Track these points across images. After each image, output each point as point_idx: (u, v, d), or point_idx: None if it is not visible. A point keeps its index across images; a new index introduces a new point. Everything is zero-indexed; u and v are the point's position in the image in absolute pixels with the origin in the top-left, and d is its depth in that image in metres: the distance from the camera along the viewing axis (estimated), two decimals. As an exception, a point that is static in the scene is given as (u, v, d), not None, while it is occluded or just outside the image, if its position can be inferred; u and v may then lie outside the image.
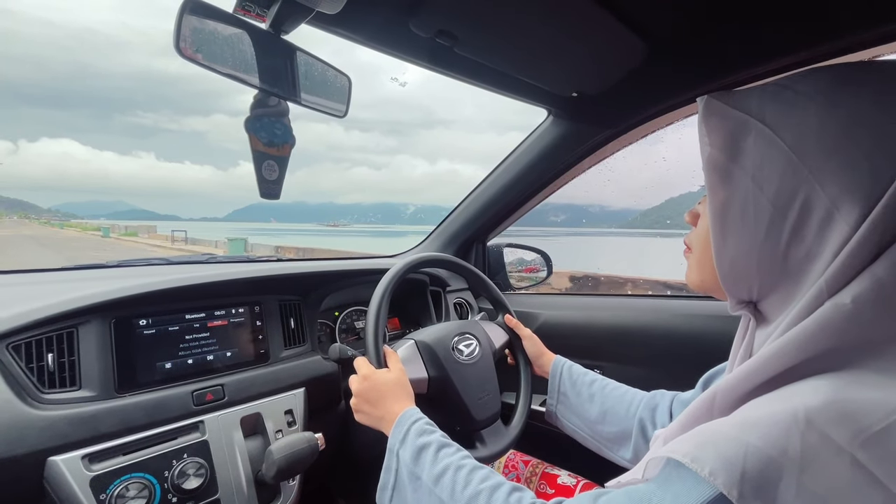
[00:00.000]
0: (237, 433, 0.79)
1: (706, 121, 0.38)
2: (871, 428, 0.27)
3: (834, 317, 0.31)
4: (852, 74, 0.34)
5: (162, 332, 0.78)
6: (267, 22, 0.57)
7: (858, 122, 0.31)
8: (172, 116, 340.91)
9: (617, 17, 0.62)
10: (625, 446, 0.71)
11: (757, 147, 0.35)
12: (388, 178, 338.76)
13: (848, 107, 0.32)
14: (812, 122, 0.33)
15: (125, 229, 66.81)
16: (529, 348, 0.89)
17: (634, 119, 0.96)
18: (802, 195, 0.33)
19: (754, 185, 0.35)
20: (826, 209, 0.32)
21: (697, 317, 0.99)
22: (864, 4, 0.57)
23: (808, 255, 0.33)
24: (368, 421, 0.67)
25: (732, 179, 0.36)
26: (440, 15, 0.61)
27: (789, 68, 0.70)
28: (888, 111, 0.31)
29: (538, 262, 1.50)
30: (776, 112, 0.34)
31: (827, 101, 0.33)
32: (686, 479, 0.30)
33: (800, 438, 0.27)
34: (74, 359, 0.69)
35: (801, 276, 0.34)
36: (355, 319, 1.16)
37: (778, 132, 0.34)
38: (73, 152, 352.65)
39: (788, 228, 0.34)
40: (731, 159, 0.36)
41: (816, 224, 0.32)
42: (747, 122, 0.35)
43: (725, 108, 0.37)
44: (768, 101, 0.35)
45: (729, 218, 0.36)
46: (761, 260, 0.36)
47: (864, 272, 0.30)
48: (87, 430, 0.65)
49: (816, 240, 0.32)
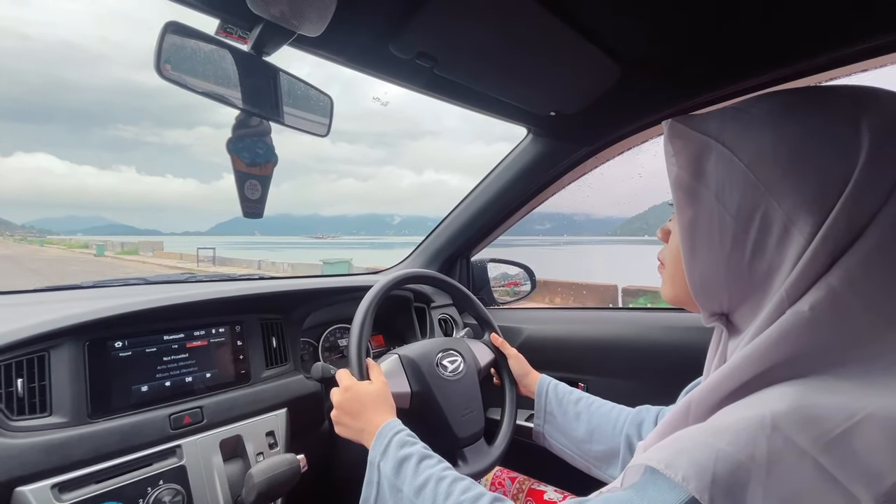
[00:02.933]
0: (216, 457, 0.76)
1: (671, 142, 0.40)
2: (831, 432, 0.28)
3: (794, 324, 0.32)
4: (800, 98, 0.36)
5: (138, 354, 0.76)
6: (249, 44, 0.58)
7: (806, 142, 0.34)
8: (154, 129, 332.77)
9: (592, 41, 0.65)
10: (613, 465, 0.71)
11: (718, 167, 0.37)
12: (375, 189, 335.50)
13: (797, 128, 0.34)
14: (766, 143, 0.35)
15: (121, 246, 53.15)
16: (515, 368, 0.89)
17: (610, 137, 0.99)
18: (761, 211, 0.34)
19: (718, 203, 0.36)
20: (783, 223, 0.33)
21: (675, 328, 1.01)
22: (811, 35, 0.62)
23: (770, 268, 0.35)
24: (349, 434, 0.66)
25: (698, 198, 0.38)
26: (420, 38, 0.63)
27: (746, 92, 0.75)
28: (831, 132, 0.33)
29: (521, 276, 1.51)
30: (734, 134, 0.37)
31: (778, 123, 0.35)
32: (661, 485, 0.31)
33: (766, 443, 0.28)
34: (46, 384, 0.67)
35: (765, 287, 0.35)
36: (339, 337, 1.15)
37: (736, 153, 0.36)
38: (49, 167, 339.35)
39: (751, 243, 0.35)
40: (696, 178, 0.38)
41: (776, 238, 0.34)
42: (708, 143, 0.37)
43: (688, 131, 0.39)
44: (727, 124, 0.37)
45: (697, 234, 0.38)
46: (729, 273, 0.37)
47: (820, 281, 0.32)
48: (57, 457, 0.62)
49: (776, 253, 0.34)
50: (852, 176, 0.31)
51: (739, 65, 0.71)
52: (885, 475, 0.27)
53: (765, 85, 0.73)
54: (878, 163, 0.31)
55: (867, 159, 0.31)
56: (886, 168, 0.31)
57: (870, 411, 0.28)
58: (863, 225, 0.31)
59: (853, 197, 0.31)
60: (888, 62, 0.66)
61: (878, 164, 0.31)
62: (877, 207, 0.31)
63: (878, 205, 0.31)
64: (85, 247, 66.22)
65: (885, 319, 0.31)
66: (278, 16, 0.52)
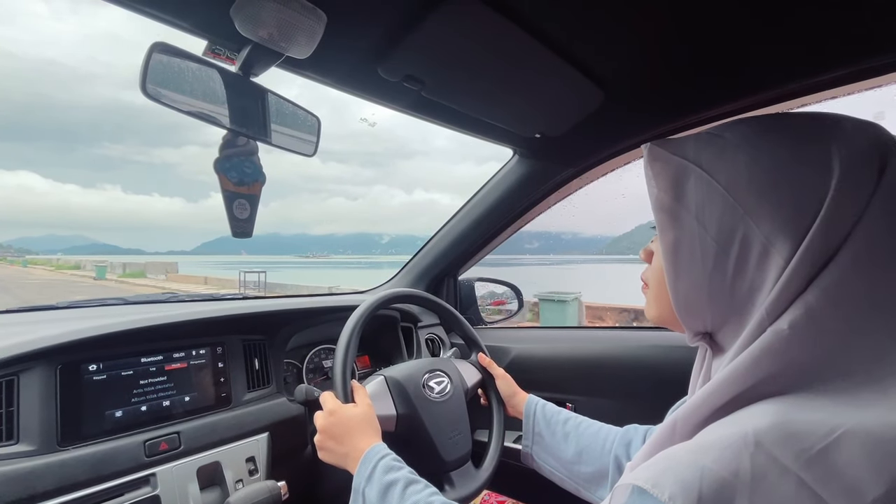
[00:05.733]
0: (192, 485, 0.73)
1: (651, 165, 0.41)
2: (813, 448, 0.28)
3: (774, 342, 0.33)
4: (772, 124, 0.38)
5: (113, 378, 0.73)
6: (237, 65, 0.59)
7: (780, 166, 0.35)
8: (141, 148, 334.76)
9: (576, 67, 0.67)
10: (602, 486, 0.70)
11: (697, 189, 0.38)
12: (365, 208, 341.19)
13: (770, 152, 0.36)
14: (742, 167, 0.36)
15: (123, 268, 42.09)
16: (503, 388, 0.88)
17: (594, 159, 1.01)
18: (741, 233, 0.35)
19: (699, 225, 0.37)
20: (762, 245, 0.34)
21: (662, 347, 1.02)
22: (783, 64, 0.65)
23: (751, 288, 0.35)
24: (333, 459, 0.64)
25: (679, 219, 0.38)
26: (408, 61, 0.64)
27: (723, 116, 0.78)
28: (803, 156, 0.35)
29: (508, 294, 1.51)
30: (710, 157, 0.38)
31: (753, 147, 0.36)
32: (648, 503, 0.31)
33: (749, 460, 0.28)
34: (13, 409, 0.64)
35: (747, 307, 0.36)
36: (323, 359, 1.13)
37: (714, 175, 0.37)
38: (30, 185, 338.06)
39: (732, 264, 0.36)
40: (676, 200, 0.39)
41: (755, 259, 0.35)
42: (687, 166, 0.38)
43: (667, 154, 0.40)
44: (703, 148, 0.39)
45: (679, 256, 0.39)
46: (711, 294, 0.38)
47: (798, 300, 0.32)
48: (21, 489, 0.59)
49: (757, 273, 0.35)
50: (826, 198, 0.32)
51: (716, 91, 0.74)
52: (866, 491, 0.27)
53: (740, 110, 0.76)
54: (848, 186, 0.32)
55: (839, 184, 0.32)
56: (857, 191, 0.32)
57: (848, 427, 0.29)
58: (837, 244, 0.32)
59: (828, 218, 0.32)
60: (856, 90, 0.69)
61: (849, 188, 0.32)
62: (850, 227, 0.32)
63: (851, 225, 0.32)
64: (76, 268, 56.02)
65: (860, 335, 0.32)
66: (266, 38, 0.53)
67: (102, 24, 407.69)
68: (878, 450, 0.28)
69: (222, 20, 0.51)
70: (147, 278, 33.18)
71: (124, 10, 0.51)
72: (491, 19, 0.55)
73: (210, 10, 0.52)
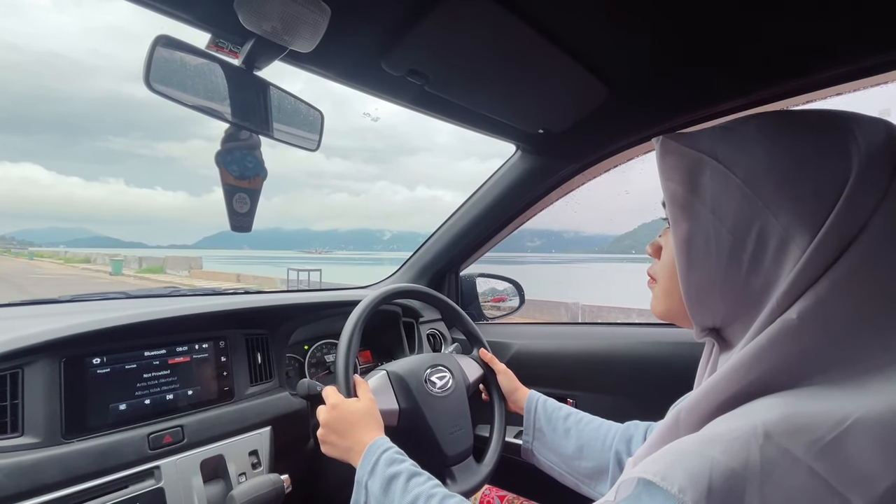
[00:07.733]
0: (196, 478, 0.74)
1: (664, 159, 0.41)
2: (823, 438, 0.28)
3: (782, 332, 0.33)
4: (787, 119, 0.38)
5: (117, 371, 0.73)
6: (240, 58, 0.58)
7: (800, 158, 0.35)
8: (145, 142, 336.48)
9: (580, 62, 0.66)
10: (602, 481, 0.70)
11: (713, 182, 0.37)
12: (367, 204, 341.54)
13: (789, 144, 0.36)
14: (761, 160, 0.36)
15: (139, 263, 40.31)
16: (504, 384, 0.88)
17: (597, 154, 1.01)
18: (758, 226, 0.35)
19: (714, 217, 0.37)
20: (781, 237, 0.34)
21: (665, 344, 1.02)
22: (783, 61, 0.65)
23: (766, 282, 0.35)
24: (335, 453, 0.65)
25: (694, 212, 0.38)
26: (411, 56, 0.64)
27: (725, 114, 0.78)
28: (824, 147, 0.35)
29: (510, 291, 1.51)
30: (727, 151, 0.38)
31: (771, 141, 0.36)
32: (656, 496, 0.31)
33: (759, 451, 0.28)
34: (18, 402, 0.64)
35: (761, 301, 0.36)
36: (325, 353, 1.13)
37: (731, 168, 0.37)
38: (34, 177, 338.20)
39: (748, 257, 0.36)
40: (692, 193, 0.38)
41: (773, 252, 0.35)
42: (702, 159, 0.38)
43: (681, 147, 0.40)
44: (718, 141, 0.38)
45: (693, 248, 0.39)
46: (724, 288, 0.37)
47: (809, 290, 0.32)
48: (26, 481, 0.59)
49: (773, 267, 0.35)
50: (843, 191, 0.33)
51: (719, 88, 0.73)
52: (878, 479, 0.27)
53: (744, 107, 0.76)
54: (865, 180, 0.33)
55: (858, 174, 0.33)
56: (874, 182, 0.33)
57: (858, 416, 0.29)
58: (853, 235, 0.32)
59: (846, 208, 0.32)
60: (860, 87, 0.69)
61: (868, 178, 0.33)
62: (866, 218, 0.32)
63: (867, 216, 0.32)
64: (86, 261, 53.17)
65: (869, 325, 0.32)
66: (270, 31, 0.53)
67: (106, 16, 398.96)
68: (889, 438, 0.28)
69: (226, 13, 0.51)
70: (168, 274, 30.54)
71: (128, 2, 0.51)
72: (495, 14, 0.55)
73: (214, 3, 0.52)
